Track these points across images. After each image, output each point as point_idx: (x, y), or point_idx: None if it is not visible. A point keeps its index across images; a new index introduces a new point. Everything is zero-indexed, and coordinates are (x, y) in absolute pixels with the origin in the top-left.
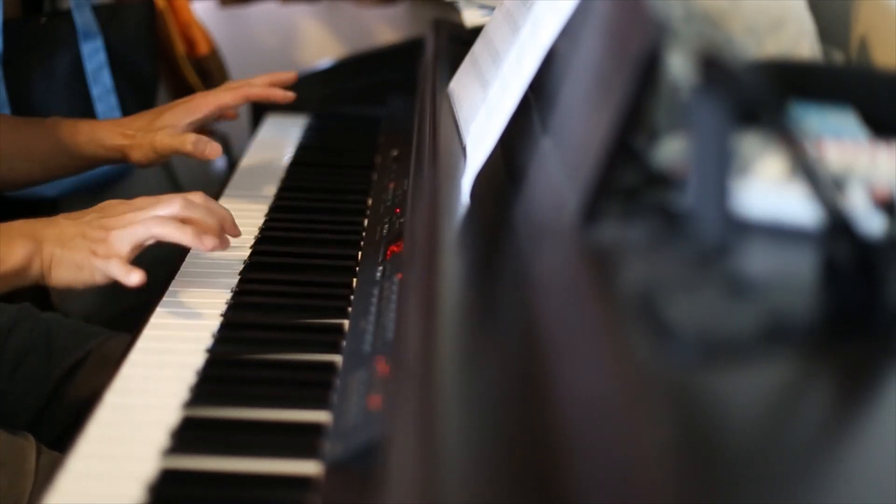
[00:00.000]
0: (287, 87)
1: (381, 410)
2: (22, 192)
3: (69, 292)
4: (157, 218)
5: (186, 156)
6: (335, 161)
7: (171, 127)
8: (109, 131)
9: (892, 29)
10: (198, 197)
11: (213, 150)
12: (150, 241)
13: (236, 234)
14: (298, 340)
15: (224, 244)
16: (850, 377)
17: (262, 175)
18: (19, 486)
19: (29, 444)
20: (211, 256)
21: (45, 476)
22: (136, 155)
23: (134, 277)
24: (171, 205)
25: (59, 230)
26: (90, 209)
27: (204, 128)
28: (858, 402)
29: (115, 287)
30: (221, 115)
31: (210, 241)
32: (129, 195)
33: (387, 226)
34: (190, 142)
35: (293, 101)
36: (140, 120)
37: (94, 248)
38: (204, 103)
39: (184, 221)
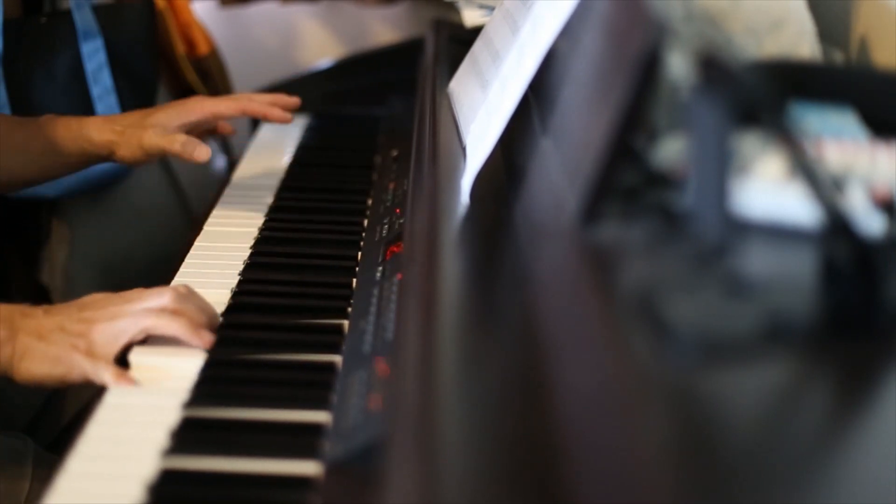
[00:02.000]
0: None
1: (381, 410)
2: (22, 192)
3: (70, 293)
4: (147, 310)
5: (175, 157)
6: (335, 161)
7: (162, 126)
8: (98, 127)
9: (892, 29)
10: (183, 288)
11: (201, 153)
12: (140, 337)
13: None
14: (298, 341)
15: (209, 336)
16: (850, 377)
17: (262, 175)
18: (15, 490)
19: (25, 447)
20: (211, 257)
21: (42, 479)
22: (123, 151)
23: (124, 381)
24: (161, 297)
25: (36, 321)
26: (71, 302)
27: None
28: (858, 402)
29: (115, 288)
30: (217, 126)
31: (207, 337)
32: (130, 196)
33: (387, 226)
34: (179, 142)
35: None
36: (130, 117)
37: (76, 343)
38: (198, 107)
39: (175, 314)
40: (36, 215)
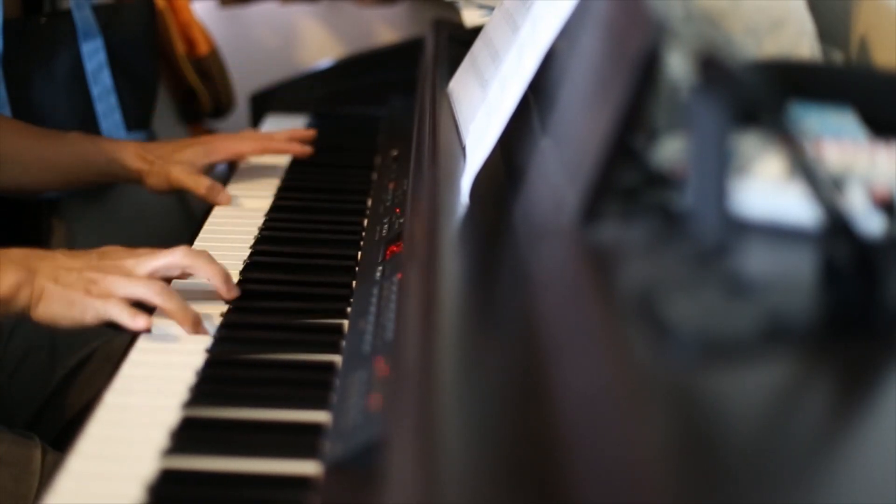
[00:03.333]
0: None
1: (380, 410)
2: None
3: None
4: (162, 286)
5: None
6: (335, 161)
7: (189, 164)
8: (130, 154)
9: (892, 29)
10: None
11: (223, 199)
12: (149, 303)
13: (231, 295)
14: (298, 340)
15: (198, 327)
16: (850, 377)
17: (262, 175)
18: (25, 486)
19: (34, 444)
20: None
21: (50, 475)
22: (152, 181)
23: (140, 321)
24: (173, 254)
25: (54, 264)
26: (92, 250)
27: (204, 126)
28: (858, 402)
29: None
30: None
31: (202, 329)
32: (131, 196)
33: (387, 226)
34: (205, 186)
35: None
36: (161, 149)
37: (89, 288)
38: (223, 148)
39: (186, 269)
40: (36, 215)
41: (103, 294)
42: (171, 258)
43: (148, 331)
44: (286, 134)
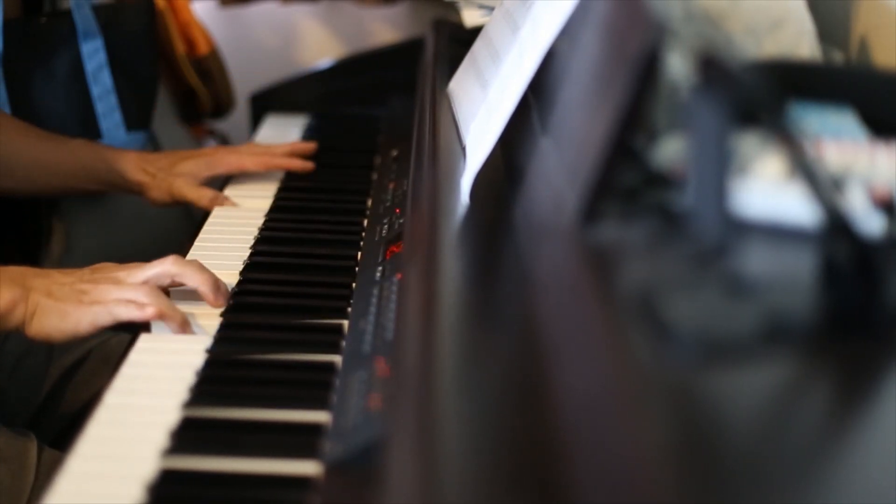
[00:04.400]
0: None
1: (381, 410)
2: None
3: None
4: (149, 290)
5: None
6: (335, 161)
7: (191, 176)
8: (132, 165)
9: (892, 29)
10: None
11: None
12: (140, 316)
13: (219, 304)
14: (298, 340)
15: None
16: (850, 377)
17: (262, 175)
18: (21, 482)
19: (30, 441)
20: (211, 256)
21: (46, 472)
22: (154, 194)
23: (149, 310)
24: (162, 264)
25: (48, 281)
26: (84, 268)
27: (204, 126)
28: (858, 403)
29: None
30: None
31: (189, 330)
32: (129, 196)
33: (387, 226)
34: (208, 198)
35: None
36: (162, 160)
37: (80, 298)
38: (225, 161)
39: (176, 277)
40: (36, 215)
41: (96, 300)
42: (161, 267)
43: (160, 316)
44: (286, 148)
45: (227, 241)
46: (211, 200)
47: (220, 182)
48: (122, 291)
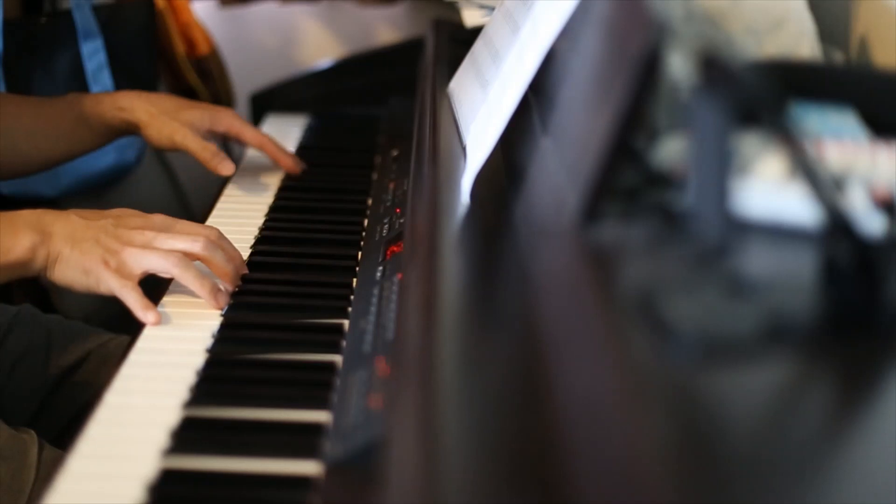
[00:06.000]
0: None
1: (381, 410)
2: (21, 191)
3: (69, 294)
4: (180, 257)
5: (195, 158)
6: (335, 161)
7: (193, 126)
8: (133, 102)
9: (892, 29)
10: (214, 234)
11: (225, 168)
12: (165, 276)
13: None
14: (298, 340)
15: (226, 299)
16: (851, 377)
17: (262, 175)
18: (21, 479)
19: (31, 439)
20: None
21: (47, 470)
22: (152, 134)
23: (150, 316)
24: (195, 243)
25: (70, 227)
26: (106, 212)
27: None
28: (858, 402)
29: None
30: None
31: (223, 300)
32: (130, 195)
33: (387, 226)
34: (210, 151)
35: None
36: (166, 102)
37: (107, 259)
38: (228, 122)
39: (204, 260)
40: None
41: (121, 271)
42: (193, 246)
43: (157, 322)
44: (284, 150)
45: None
46: (213, 155)
47: (220, 182)
48: (149, 258)
